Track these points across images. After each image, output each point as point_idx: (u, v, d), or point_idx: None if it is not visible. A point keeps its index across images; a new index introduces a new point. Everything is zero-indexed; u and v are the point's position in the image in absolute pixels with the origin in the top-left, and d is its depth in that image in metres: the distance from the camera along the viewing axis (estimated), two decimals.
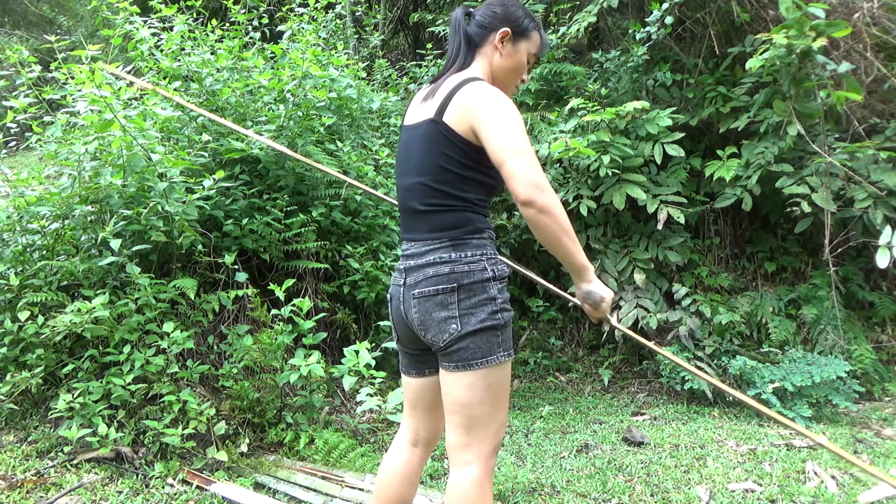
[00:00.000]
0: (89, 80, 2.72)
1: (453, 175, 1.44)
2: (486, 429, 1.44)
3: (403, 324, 1.54)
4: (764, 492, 2.46)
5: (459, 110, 1.41)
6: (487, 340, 1.42)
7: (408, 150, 1.54)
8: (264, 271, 3.52)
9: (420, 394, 1.64)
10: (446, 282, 1.42)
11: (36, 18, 11.44)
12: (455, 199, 1.46)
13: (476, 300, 1.42)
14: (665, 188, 4.17)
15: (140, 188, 2.90)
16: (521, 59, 1.58)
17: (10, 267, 2.90)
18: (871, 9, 3.63)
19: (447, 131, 1.42)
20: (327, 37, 5.29)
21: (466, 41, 1.55)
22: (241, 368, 2.94)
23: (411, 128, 1.55)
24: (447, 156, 1.43)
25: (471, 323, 1.40)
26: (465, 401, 1.43)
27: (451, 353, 1.43)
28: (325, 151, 3.68)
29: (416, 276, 1.46)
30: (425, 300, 1.44)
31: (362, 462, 2.68)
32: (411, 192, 1.51)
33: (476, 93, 1.40)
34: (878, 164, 3.70)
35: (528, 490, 2.52)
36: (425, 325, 1.45)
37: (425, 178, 1.47)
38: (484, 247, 1.47)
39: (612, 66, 4.76)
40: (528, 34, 1.58)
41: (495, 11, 1.56)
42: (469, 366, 1.41)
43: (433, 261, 1.44)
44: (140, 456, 2.55)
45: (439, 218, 1.46)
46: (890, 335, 4.22)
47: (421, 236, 1.49)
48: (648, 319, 3.97)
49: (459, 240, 1.45)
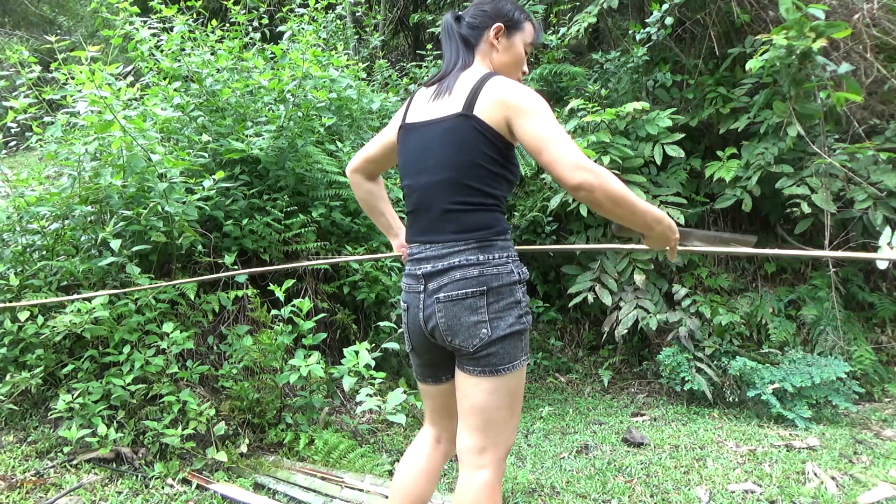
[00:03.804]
0: (89, 81, 2.72)
1: (485, 171, 1.41)
2: (502, 433, 1.43)
3: (421, 332, 1.50)
4: (764, 493, 2.45)
5: (490, 103, 1.38)
6: (514, 345, 1.40)
7: (425, 148, 1.48)
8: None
9: (439, 400, 1.61)
10: (476, 285, 1.38)
11: (36, 19, 11.44)
12: (485, 197, 1.42)
13: (504, 303, 1.39)
14: (665, 189, 4.17)
15: (140, 188, 2.90)
16: (518, 51, 1.58)
17: (10, 267, 2.90)
18: (871, 10, 3.63)
19: (479, 125, 1.38)
20: (327, 37, 5.29)
21: (464, 43, 1.54)
22: (241, 369, 2.94)
23: (425, 125, 1.49)
24: (479, 150, 1.39)
25: (500, 327, 1.38)
26: (486, 405, 1.41)
27: (480, 358, 1.39)
28: (326, 152, 3.68)
29: (440, 281, 1.42)
30: (453, 304, 1.39)
31: (362, 463, 2.68)
32: (433, 190, 1.45)
33: (506, 86, 1.39)
34: (878, 165, 3.70)
35: (528, 491, 2.52)
36: (453, 331, 1.41)
37: (454, 175, 1.41)
38: (509, 248, 1.45)
39: (612, 66, 4.77)
40: (521, 26, 1.57)
41: (485, 10, 1.55)
42: (496, 371, 1.39)
43: (459, 263, 1.40)
44: (140, 456, 2.55)
45: (467, 218, 1.41)
46: (890, 336, 4.22)
47: (443, 238, 1.43)
48: (648, 320, 3.97)
49: (486, 241, 1.41)
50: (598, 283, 4.16)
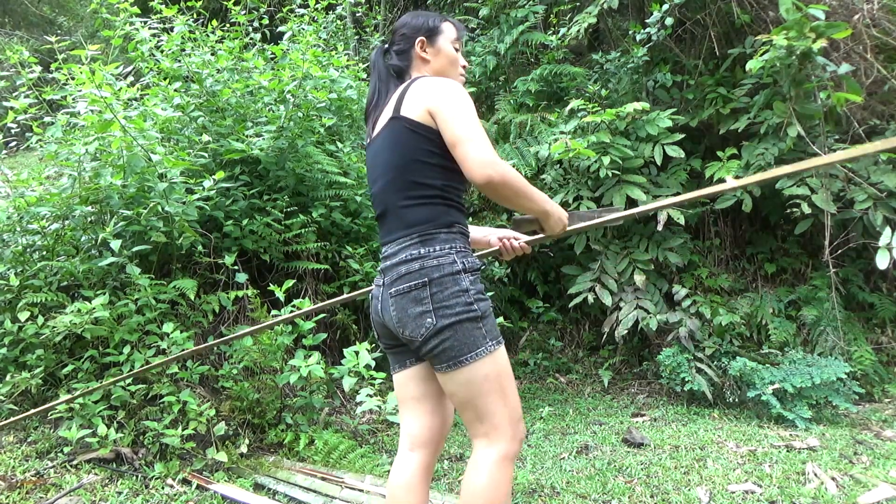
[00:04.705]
0: (89, 81, 2.72)
1: (419, 164, 1.49)
2: (498, 416, 1.46)
3: (381, 323, 1.57)
4: (764, 493, 2.45)
5: (414, 102, 1.49)
6: (469, 333, 1.43)
7: (375, 158, 1.60)
8: (264, 272, 3.52)
9: (406, 388, 1.64)
10: (417, 277, 1.44)
11: (36, 19, 11.44)
12: (426, 189, 1.49)
13: (448, 293, 1.43)
14: (665, 189, 4.17)
15: (140, 189, 2.90)
16: (447, 52, 1.67)
17: (10, 267, 2.90)
18: (871, 10, 3.63)
19: (407, 122, 1.48)
20: (328, 38, 5.29)
21: (397, 73, 1.67)
22: (241, 369, 2.94)
23: (374, 139, 1.62)
24: (411, 146, 1.49)
25: (446, 316, 1.42)
26: (468, 397, 1.45)
27: (437, 353, 1.44)
28: (326, 152, 3.68)
29: (391, 276, 1.49)
30: (400, 297, 1.46)
31: (362, 463, 2.68)
32: (384, 193, 1.55)
33: (428, 84, 1.50)
34: (878, 166, 3.70)
35: (528, 491, 2.52)
36: (402, 322, 1.46)
37: (394, 174, 1.51)
38: (453, 240, 1.50)
39: (612, 67, 4.77)
40: (439, 29, 1.67)
41: (404, 33, 1.67)
42: (459, 362, 1.43)
43: (404, 258, 1.47)
44: (140, 456, 2.55)
45: (410, 213, 1.50)
46: (890, 336, 4.22)
47: (393, 236, 1.52)
48: (648, 321, 3.97)
49: (427, 234, 1.48)
50: (598, 284, 4.16)
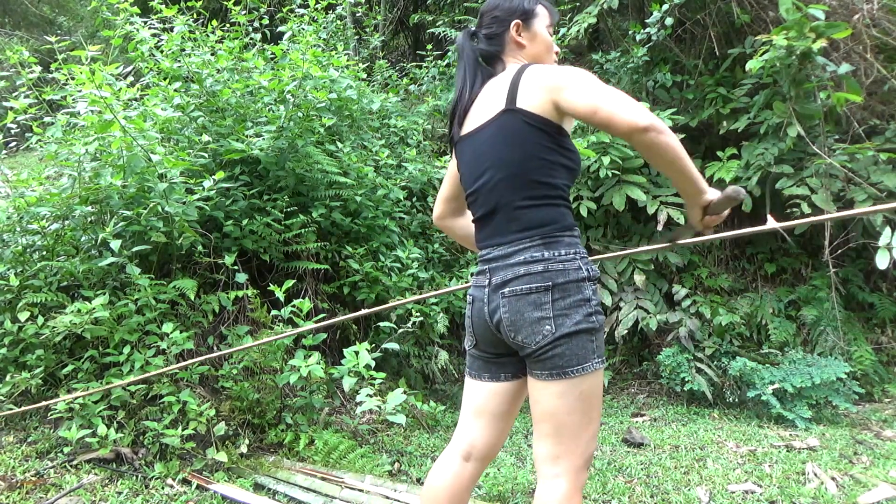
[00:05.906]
0: (89, 81, 2.72)
1: (540, 161, 1.39)
2: (577, 440, 1.37)
3: (486, 326, 1.46)
4: (764, 493, 2.45)
5: (532, 91, 1.38)
6: (583, 346, 1.35)
7: (478, 154, 1.48)
8: (264, 272, 3.52)
9: (488, 400, 1.53)
10: (540, 280, 1.35)
11: (36, 19, 11.44)
12: (548, 189, 1.40)
13: (571, 301, 1.35)
14: (665, 189, 4.17)
15: (140, 189, 2.90)
16: (543, 37, 1.57)
17: (10, 267, 2.89)
18: (871, 10, 3.63)
19: (526, 116, 1.38)
20: (327, 38, 5.29)
21: (486, 59, 1.55)
22: (241, 369, 2.94)
23: (475, 132, 1.50)
24: (531, 141, 1.39)
25: (566, 325, 1.33)
26: (556, 410, 1.36)
27: (545, 359, 1.35)
28: (326, 152, 3.68)
29: (504, 275, 1.40)
30: (516, 299, 1.37)
31: (362, 463, 2.68)
32: (495, 192, 1.44)
33: (543, 70, 1.40)
34: (878, 166, 3.70)
35: (528, 491, 2.51)
36: (516, 326, 1.38)
37: (512, 171, 1.41)
38: (576, 245, 1.41)
39: (613, 67, 4.77)
40: (535, 13, 1.56)
41: (496, 15, 1.55)
42: (564, 374, 1.34)
43: (524, 260, 1.37)
44: (140, 457, 2.55)
45: (532, 214, 1.40)
46: (890, 336, 4.22)
47: (506, 238, 1.42)
48: (648, 320, 3.97)
49: (551, 237, 1.39)
50: (598, 284, 4.17)
